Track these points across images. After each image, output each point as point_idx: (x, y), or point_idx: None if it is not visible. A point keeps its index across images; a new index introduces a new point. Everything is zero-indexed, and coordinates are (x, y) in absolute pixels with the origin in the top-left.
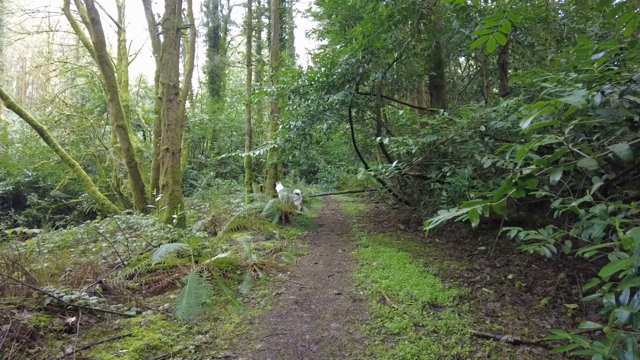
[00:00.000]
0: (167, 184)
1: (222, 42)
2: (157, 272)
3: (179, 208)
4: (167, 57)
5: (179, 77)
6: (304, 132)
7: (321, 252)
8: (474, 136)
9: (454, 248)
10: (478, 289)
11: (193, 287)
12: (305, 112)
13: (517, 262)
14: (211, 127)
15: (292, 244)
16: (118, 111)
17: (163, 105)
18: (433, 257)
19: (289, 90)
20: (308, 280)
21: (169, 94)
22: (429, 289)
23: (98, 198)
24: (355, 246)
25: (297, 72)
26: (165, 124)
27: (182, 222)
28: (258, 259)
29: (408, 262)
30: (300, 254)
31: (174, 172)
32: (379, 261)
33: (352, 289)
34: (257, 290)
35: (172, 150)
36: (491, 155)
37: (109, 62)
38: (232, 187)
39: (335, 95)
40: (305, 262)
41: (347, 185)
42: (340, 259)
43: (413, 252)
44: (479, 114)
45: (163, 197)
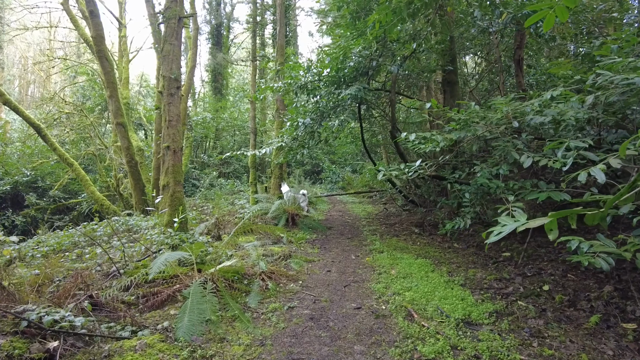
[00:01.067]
0: (168, 185)
1: (225, 40)
2: (156, 282)
3: (180, 210)
4: (168, 48)
5: (181, 71)
6: (313, 130)
7: (333, 258)
8: (506, 132)
9: (475, 254)
10: (513, 302)
11: (196, 301)
12: (314, 108)
13: (549, 270)
14: (214, 126)
15: (301, 249)
16: (118, 108)
17: (164, 100)
18: (456, 265)
19: (296, 86)
20: (322, 292)
21: (170, 88)
22: (460, 303)
23: (97, 198)
24: (368, 251)
25: (304, 67)
26: (166, 120)
27: (183, 226)
28: (266, 266)
29: (430, 270)
30: (311, 260)
31: (175, 172)
32: (397, 269)
33: (372, 302)
34: (267, 304)
35: (173, 148)
36: (530, 154)
37: (108, 57)
38: (236, 187)
39: (348, 90)
40: (317, 270)
41: (353, 185)
42: (355, 266)
43: (433, 259)
44: (510, 108)
45: (164, 198)
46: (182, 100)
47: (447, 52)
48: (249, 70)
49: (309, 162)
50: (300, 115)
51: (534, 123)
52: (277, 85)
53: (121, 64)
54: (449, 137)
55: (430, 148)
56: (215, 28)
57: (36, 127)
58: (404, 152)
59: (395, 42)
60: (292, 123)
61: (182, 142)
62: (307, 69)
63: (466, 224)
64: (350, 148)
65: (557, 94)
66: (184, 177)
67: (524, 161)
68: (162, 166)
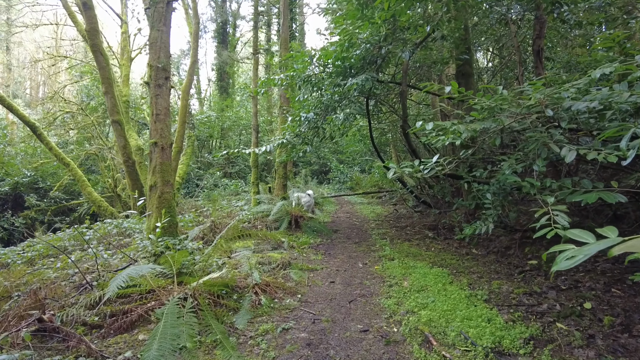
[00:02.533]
0: (155, 185)
1: (231, 38)
2: (131, 297)
3: (164, 214)
4: (156, 34)
5: (171, 60)
6: (317, 125)
7: (338, 266)
8: (538, 123)
9: (497, 262)
10: (551, 324)
11: (170, 323)
12: (317, 102)
13: (588, 283)
14: (219, 125)
15: (303, 255)
16: (114, 105)
17: (151, 92)
18: (477, 275)
19: (299, 79)
20: (323, 308)
21: (158, 78)
22: (488, 326)
23: (94, 200)
24: (377, 258)
25: (308, 54)
26: (153, 113)
27: (172, 230)
28: (261, 277)
29: (448, 282)
30: (313, 269)
31: (164, 171)
32: (410, 280)
33: (382, 323)
34: (258, 324)
35: (161, 145)
36: (572, 146)
37: (103, 52)
38: (240, 187)
39: (355, 79)
40: (319, 281)
41: (361, 185)
42: (362, 275)
43: (450, 268)
44: (545, 94)
45: (151, 199)
46: (182, 97)
47: (462, 42)
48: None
49: (316, 161)
50: (303, 109)
51: (574, 110)
52: (279, 77)
53: (122, 61)
54: (472, 128)
55: (449, 141)
56: (220, 26)
57: (31, 126)
58: (416, 149)
59: (406, 30)
60: (295, 118)
61: (171, 138)
62: (310, 58)
63: (488, 228)
64: (359, 146)
65: (611, 71)
66: (187, 177)
67: (565, 155)
68: (149, 164)
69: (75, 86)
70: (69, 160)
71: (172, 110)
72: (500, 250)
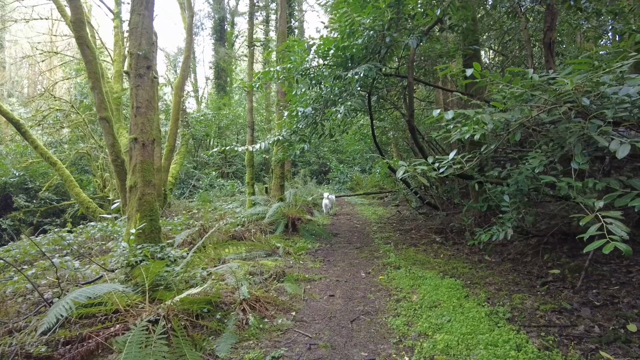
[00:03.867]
0: (135, 185)
1: (228, 35)
2: (95, 317)
3: (145, 218)
4: (137, 19)
5: (153, 48)
6: (315, 121)
7: (338, 276)
8: (570, 114)
9: (514, 270)
10: (593, 353)
11: (133, 355)
12: (317, 96)
13: (625, 298)
14: (215, 123)
15: (300, 263)
16: (101, 101)
17: (131, 82)
18: (494, 287)
19: (297, 72)
20: (321, 329)
21: (139, 67)
22: (519, 356)
23: (82, 201)
24: (381, 266)
25: (305, 42)
26: (133, 106)
27: (154, 236)
28: (250, 291)
29: (462, 295)
30: (311, 279)
31: (145, 170)
32: (420, 294)
33: (390, 350)
34: (244, 350)
35: (142, 141)
36: (624, 139)
37: (90, 45)
38: (237, 188)
39: (357, 69)
40: (317, 294)
41: (362, 185)
42: (365, 287)
43: (464, 278)
44: (584, 79)
45: (130, 202)
46: (174, 93)
47: (470, 32)
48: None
49: (315, 161)
50: (301, 104)
51: (618, 98)
52: (274, 70)
53: (114, 56)
54: (498, 118)
55: (470, 134)
56: (218, 23)
57: (15, 123)
58: (423, 146)
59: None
60: (291, 113)
61: (153, 133)
62: (307, 48)
63: (507, 234)
64: (360, 145)
65: None
66: (182, 177)
67: (615, 149)
68: (129, 163)
69: (70, 83)
70: (56, 160)
71: (166, 108)
72: (515, 257)
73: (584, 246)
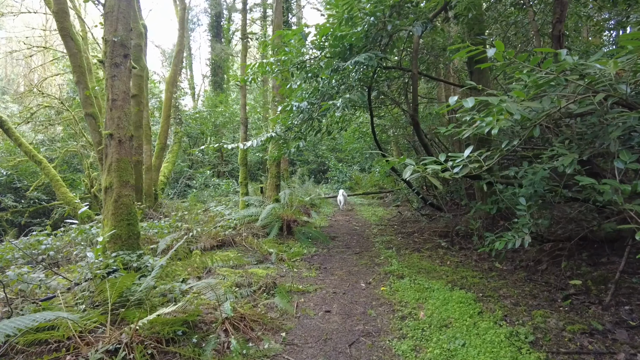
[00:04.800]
0: (110, 187)
1: (225, 32)
2: (48, 344)
3: (113, 224)
4: (112, 2)
5: (132, 35)
6: (311, 117)
7: (335, 286)
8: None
9: (529, 280)
10: None
11: None
12: (314, 90)
13: None
14: (211, 121)
15: (293, 270)
16: (87, 97)
17: (106, 72)
18: (511, 301)
19: (292, 65)
20: (315, 355)
21: (115, 56)
22: None
23: (69, 201)
24: (383, 275)
25: (300, 30)
26: (108, 98)
27: (133, 242)
28: (235, 308)
29: (476, 311)
30: (305, 291)
31: (121, 169)
32: (428, 309)
33: None
34: None
35: (118, 137)
36: None
37: (74, 36)
38: (232, 187)
39: (357, 57)
40: (311, 309)
41: (361, 185)
42: (365, 301)
43: (475, 290)
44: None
45: (106, 204)
46: (166, 89)
47: (477, 22)
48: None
49: (314, 160)
50: (295, 98)
51: None
52: (267, 61)
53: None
54: (530, 107)
55: (491, 126)
56: (214, 19)
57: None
58: (427, 143)
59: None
60: (285, 108)
61: (131, 129)
62: (303, 36)
63: (524, 241)
64: (359, 143)
65: None
66: (176, 176)
67: None
68: (104, 161)
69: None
70: (41, 158)
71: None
72: (529, 264)
73: (606, 253)
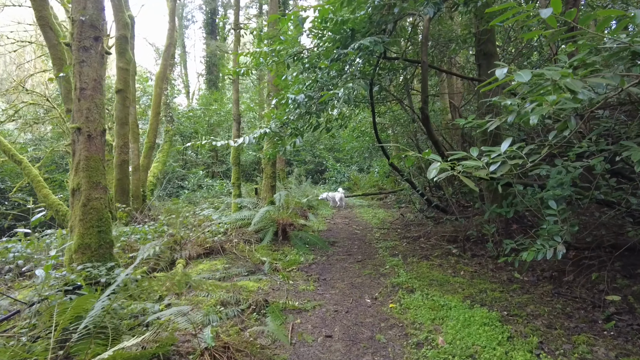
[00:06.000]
0: (78, 188)
1: (221, 30)
2: None
3: (80, 231)
4: None
5: (104, 16)
6: (309, 112)
7: (336, 303)
8: None
9: (558, 294)
10: None
11: None
12: (312, 82)
13: None
14: (205, 120)
15: (289, 283)
16: (68, 91)
17: (73, 56)
18: (542, 322)
19: (288, 56)
20: None
21: (83, 38)
22: None
23: (51, 203)
24: (390, 288)
25: (296, 13)
26: (76, 87)
27: (104, 252)
28: (214, 337)
29: (504, 337)
30: (302, 309)
31: (92, 168)
32: (447, 333)
33: None
34: None
35: (87, 132)
36: None
37: (54, 27)
38: (226, 188)
39: (362, 40)
40: (309, 334)
41: (360, 186)
42: (372, 322)
43: (498, 307)
44: None
45: (73, 209)
46: (155, 84)
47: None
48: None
49: (311, 160)
50: (291, 91)
51: None
52: (261, 49)
53: None
54: (597, 83)
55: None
56: (209, 16)
57: None
58: (438, 140)
59: None
60: (280, 101)
61: (104, 122)
62: (300, 22)
63: (557, 253)
64: (359, 142)
65: None
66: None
67: None
68: (72, 159)
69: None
70: (21, 158)
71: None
72: (553, 274)
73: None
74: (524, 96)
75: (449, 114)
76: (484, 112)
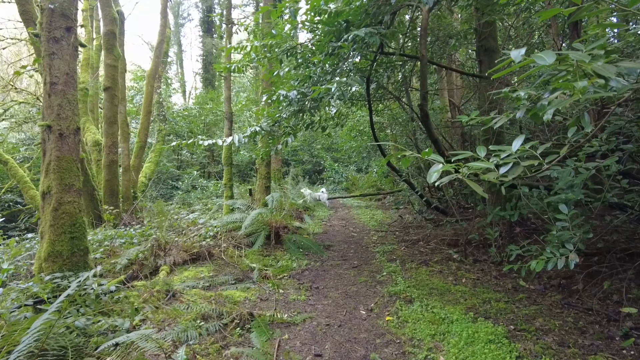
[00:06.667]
0: (49, 191)
1: (217, 27)
2: None
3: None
4: None
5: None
6: (302, 109)
7: (329, 315)
8: None
9: (568, 306)
10: None
11: None
12: (305, 78)
13: None
14: (200, 119)
15: (279, 291)
16: None
17: (43, 48)
18: (554, 339)
19: (281, 51)
20: None
21: (53, 28)
22: None
23: (38, 205)
24: (387, 298)
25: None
26: (46, 82)
27: (78, 260)
28: (191, 357)
29: (512, 356)
30: (291, 323)
31: (63, 170)
32: (449, 352)
33: None
34: None
35: (58, 130)
36: None
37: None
38: (220, 189)
39: (357, 31)
40: (296, 352)
41: (358, 186)
42: (367, 338)
43: (504, 321)
44: None
45: (44, 214)
46: (147, 82)
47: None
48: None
49: (309, 160)
50: (283, 87)
51: None
52: (251, 43)
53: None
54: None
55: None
56: (205, 14)
57: None
58: (438, 138)
59: None
60: (271, 97)
61: (78, 120)
62: (292, 14)
63: (569, 262)
64: (357, 141)
65: None
66: (161, 177)
67: None
68: (42, 160)
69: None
70: (7, 158)
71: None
72: (560, 282)
73: None
74: (538, 87)
75: (448, 112)
76: (487, 109)
